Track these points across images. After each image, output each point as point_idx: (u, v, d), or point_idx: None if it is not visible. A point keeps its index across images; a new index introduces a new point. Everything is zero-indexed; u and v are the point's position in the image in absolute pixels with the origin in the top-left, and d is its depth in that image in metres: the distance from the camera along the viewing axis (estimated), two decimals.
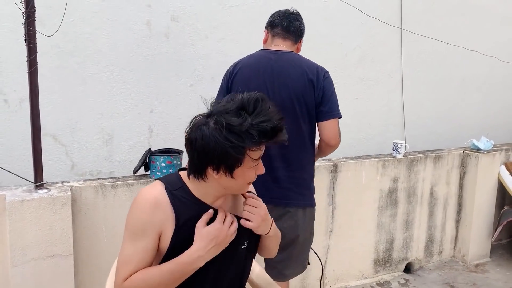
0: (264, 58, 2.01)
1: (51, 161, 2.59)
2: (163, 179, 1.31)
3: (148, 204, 1.23)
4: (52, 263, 2.02)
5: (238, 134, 1.15)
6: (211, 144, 1.16)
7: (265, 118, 1.17)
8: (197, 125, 1.20)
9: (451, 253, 3.55)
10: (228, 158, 1.17)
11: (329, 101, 1.97)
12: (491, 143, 3.45)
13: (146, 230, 1.23)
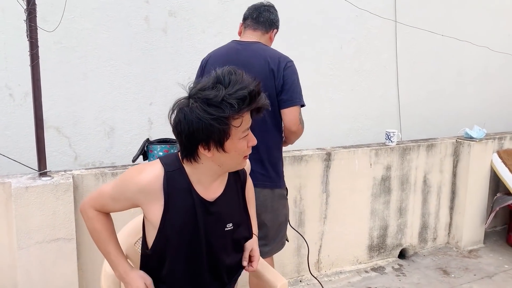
0: (232, 49, 2.15)
1: (55, 152, 2.71)
2: (163, 160, 1.36)
3: (138, 183, 1.32)
4: (56, 246, 2.14)
5: (217, 106, 1.20)
6: (194, 122, 1.21)
7: (240, 86, 1.23)
8: (178, 107, 1.26)
9: (445, 239, 3.63)
10: (213, 132, 1.22)
11: (289, 90, 2.04)
12: (484, 132, 3.52)
13: (124, 194, 1.37)
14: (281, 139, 2.20)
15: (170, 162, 1.36)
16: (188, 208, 1.35)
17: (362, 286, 2.95)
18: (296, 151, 3.00)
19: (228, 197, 1.43)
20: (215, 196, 1.40)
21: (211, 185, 1.38)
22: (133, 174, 1.35)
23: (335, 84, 3.56)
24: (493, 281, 3.07)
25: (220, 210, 1.40)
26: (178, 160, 1.36)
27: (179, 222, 1.35)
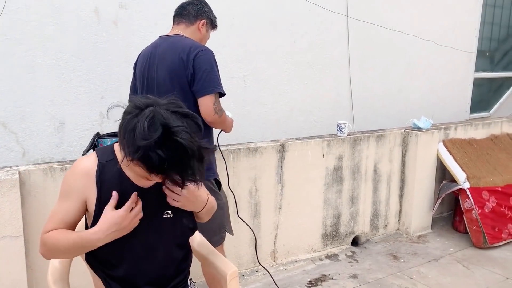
0: (154, 44, 2.21)
1: (1, 149, 2.62)
2: (99, 151, 1.41)
3: (77, 172, 1.37)
4: (2, 244, 2.08)
5: (130, 141, 1.17)
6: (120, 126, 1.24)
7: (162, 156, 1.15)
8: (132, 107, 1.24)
9: (396, 226, 3.79)
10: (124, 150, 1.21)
11: (200, 79, 2.03)
12: (430, 122, 3.68)
13: (70, 193, 1.36)
14: (209, 130, 2.20)
15: (104, 153, 1.41)
16: (121, 195, 1.35)
17: (316, 274, 3.04)
18: (251, 143, 3.04)
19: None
20: (149, 184, 1.39)
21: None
22: (72, 169, 1.39)
23: (289, 77, 3.62)
24: (439, 263, 3.24)
25: (155, 197, 1.40)
26: (112, 150, 1.41)
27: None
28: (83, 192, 1.36)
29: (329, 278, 2.99)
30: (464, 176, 3.57)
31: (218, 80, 2.09)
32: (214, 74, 2.07)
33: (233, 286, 1.60)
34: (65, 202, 1.36)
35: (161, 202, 1.42)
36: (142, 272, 1.44)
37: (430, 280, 2.99)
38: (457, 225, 3.82)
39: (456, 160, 3.66)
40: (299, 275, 3.01)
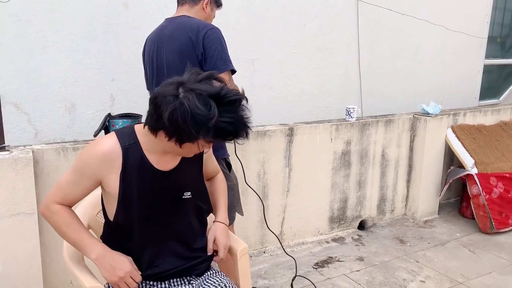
0: (160, 27, 2.21)
1: (14, 129, 2.66)
2: (118, 133, 1.41)
3: (97, 153, 1.36)
4: (17, 221, 2.13)
5: (198, 125, 1.17)
6: (170, 118, 1.20)
7: (230, 120, 1.19)
8: (167, 93, 1.22)
9: (403, 211, 3.81)
10: (180, 136, 1.24)
11: (212, 58, 2.02)
12: (439, 108, 3.67)
13: (85, 171, 1.37)
14: None
15: (125, 135, 1.40)
16: (144, 179, 1.40)
17: (323, 256, 3.08)
18: (260, 126, 3.06)
19: (184, 169, 1.47)
20: (170, 167, 1.44)
21: (163, 156, 1.43)
22: (90, 149, 1.38)
23: (299, 61, 3.62)
24: (446, 248, 3.26)
25: (176, 180, 1.45)
26: (133, 133, 1.40)
27: (136, 193, 1.40)
28: (99, 174, 1.37)
29: (336, 260, 3.03)
30: (472, 162, 3.57)
31: (229, 58, 2.09)
32: (225, 52, 2.08)
33: (243, 262, 1.64)
34: (77, 176, 1.39)
35: (181, 184, 1.47)
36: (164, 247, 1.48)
37: (436, 263, 3.01)
38: (464, 210, 3.83)
39: (465, 146, 3.65)
40: (306, 257, 3.05)
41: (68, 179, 1.40)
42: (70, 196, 1.41)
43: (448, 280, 2.81)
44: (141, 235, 1.44)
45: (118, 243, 1.46)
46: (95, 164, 1.36)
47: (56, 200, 1.41)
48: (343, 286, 2.69)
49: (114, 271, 1.33)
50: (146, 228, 1.44)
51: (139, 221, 1.42)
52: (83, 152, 1.40)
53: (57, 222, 1.41)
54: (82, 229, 1.41)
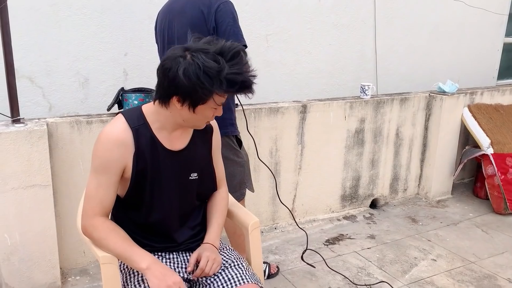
0: (171, 1, 2.18)
1: (28, 103, 2.68)
2: (126, 115, 1.39)
3: (111, 143, 1.34)
4: (32, 193, 2.17)
5: (210, 78, 1.22)
6: (184, 78, 1.22)
7: (238, 71, 1.24)
8: (174, 55, 1.26)
9: (415, 190, 3.78)
10: (193, 95, 1.25)
11: (225, 33, 1.99)
12: (456, 86, 3.60)
13: (108, 166, 1.34)
14: None
15: (133, 117, 1.38)
16: (155, 159, 1.40)
17: (334, 233, 3.08)
18: (273, 103, 3.04)
19: (193, 149, 1.47)
20: (180, 147, 1.44)
21: (173, 134, 1.42)
22: (104, 141, 1.34)
23: (313, 37, 3.56)
24: (458, 228, 3.24)
25: (184, 160, 1.45)
26: (141, 114, 1.39)
27: (148, 173, 1.40)
28: (121, 162, 1.35)
29: (347, 237, 3.03)
30: (488, 142, 3.51)
31: (241, 32, 2.06)
32: (237, 26, 2.04)
33: (254, 236, 1.64)
34: (103, 176, 1.35)
35: (189, 165, 1.47)
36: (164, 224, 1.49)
37: (448, 243, 3.00)
38: (477, 191, 3.79)
39: (481, 126, 3.59)
40: (317, 234, 3.06)
41: (95, 184, 1.36)
42: (106, 199, 1.37)
43: (459, 259, 2.80)
44: (147, 209, 1.45)
45: (126, 215, 1.48)
46: (113, 154, 1.34)
47: (95, 212, 1.36)
48: (354, 263, 2.70)
49: (164, 278, 1.30)
50: (152, 205, 1.45)
51: (147, 198, 1.44)
52: (98, 149, 1.35)
53: (103, 236, 1.36)
54: (129, 240, 1.38)
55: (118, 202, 1.47)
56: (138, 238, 1.44)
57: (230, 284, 1.43)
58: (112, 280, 1.38)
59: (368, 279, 2.54)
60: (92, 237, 1.39)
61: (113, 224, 1.40)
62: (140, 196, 1.43)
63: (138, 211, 1.46)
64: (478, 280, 2.57)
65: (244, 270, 1.49)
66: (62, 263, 2.42)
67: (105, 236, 1.36)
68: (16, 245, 2.19)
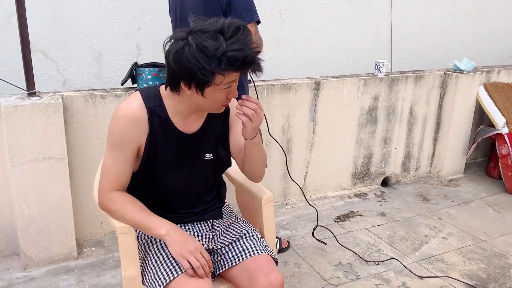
0: None
1: (43, 77, 2.70)
2: (143, 93, 1.39)
3: (126, 120, 1.34)
4: (48, 165, 2.20)
5: (207, 57, 1.18)
6: (182, 59, 1.20)
7: (238, 47, 1.19)
8: (175, 38, 1.25)
9: (427, 169, 3.77)
10: (195, 76, 1.22)
11: (238, 8, 1.97)
12: (472, 64, 3.53)
13: (124, 143, 1.35)
14: None
15: (150, 97, 1.38)
16: (168, 141, 1.39)
17: (345, 210, 3.10)
18: (286, 79, 3.02)
19: (207, 131, 1.47)
20: (194, 130, 1.44)
21: (189, 118, 1.42)
22: (119, 117, 1.34)
23: (327, 13, 3.50)
24: (470, 207, 3.23)
25: (198, 142, 1.44)
26: (158, 95, 1.39)
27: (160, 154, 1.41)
28: (136, 139, 1.36)
29: (357, 214, 3.05)
30: (504, 121, 3.46)
31: (255, 8, 2.03)
32: (250, 1, 2.02)
33: (267, 210, 1.66)
34: (119, 152, 1.35)
35: (203, 146, 1.47)
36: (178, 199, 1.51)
37: (459, 221, 3.00)
38: (490, 170, 3.76)
39: (496, 105, 3.54)
40: (328, 210, 3.08)
41: (111, 160, 1.36)
42: (122, 175, 1.38)
43: (470, 237, 2.80)
44: (161, 186, 1.47)
45: (139, 190, 1.49)
46: (129, 131, 1.34)
47: (112, 187, 1.38)
48: (364, 239, 2.72)
49: (185, 244, 1.32)
50: (165, 182, 1.46)
51: (159, 178, 1.45)
52: (114, 126, 1.35)
53: (121, 208, 1.37)
54: (146, 209, 1.39)
55: (132, 178, 1.49)
56: (152, 210, 1.46)
57: (245, 254, 1.46)
58: (129, 250, 1.41)
59: (378, 255, 2.56)
60: (110, 210, 1.40)
61: (129, 196, 1.41)
62: (152, 175, 1.44)
63: (150, 189, 1.48)
64: (489, 259, 2.58)
65: (259, 241, 1.51)
66: (78, 234, 2.47)
67: (122, 208, 1.37)
68: (33, 216, 2.24)
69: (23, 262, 2.29)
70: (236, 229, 1.57)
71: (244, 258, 1.45)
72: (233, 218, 1.64)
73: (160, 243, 1.45)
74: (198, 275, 1.32)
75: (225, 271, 1.48)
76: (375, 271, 2.42)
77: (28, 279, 2.24)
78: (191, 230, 1.52)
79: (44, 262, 2.32)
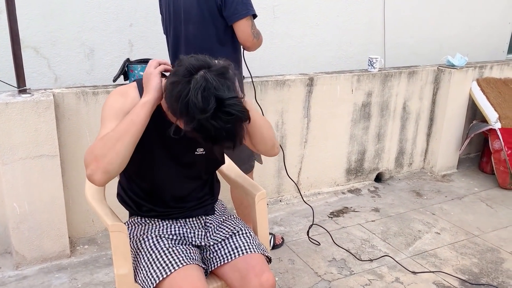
0: None
1: (34, 73, 2.67)
2: (139, 83, 1.40)
3: (121, 97, 1.36)
4: (40, 163, 2.18)
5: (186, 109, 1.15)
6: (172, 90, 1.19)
7: (218, 126, 1.15)
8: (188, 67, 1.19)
9: (421, 165, 3.78)
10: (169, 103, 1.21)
11: (232, 3, 1.96)
12: (465, 60, 3.54)
13: (118, 115, 1.33)
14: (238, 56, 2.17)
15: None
16: (159, 133, 1.38)
17: (338, 206, 3.11)
18: (279, 75, 3.01)
19: None
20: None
21: None
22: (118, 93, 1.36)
23: (320, 9, 3.49)
24: (463, 202, 3.25)
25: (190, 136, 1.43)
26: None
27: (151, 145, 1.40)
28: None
29: (351, 210, 3.05)
30: (496, 116, 3.48)
31: (250, 1, 2.03)
32: None
33: (261, 207, 1.66)
34: (112, 123, 1.31)
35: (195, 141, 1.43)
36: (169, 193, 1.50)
37: (453, 216, 3.02)
38: (483, 166, 3.78)
39: (489, 100, 3.55)
40: (322, 206, 3.08)
41: (104, 132, 1.30)
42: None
43: (463, 232, 2.82)
44: (152, 177, 1.47)
45: (132, 180, 1.50)
46: (123, 106, 1.34)
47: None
48: (358, 235, 2.73)
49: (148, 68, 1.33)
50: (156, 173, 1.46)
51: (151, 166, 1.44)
52: (107, 102, 1.35)
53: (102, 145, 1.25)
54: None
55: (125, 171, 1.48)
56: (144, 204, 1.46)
57: (237, 252, 1.46)
58: (122, 248, 1.40)
59: (371, 251, 2.57)
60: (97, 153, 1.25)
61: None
62: (144, 164, 1.43)
63: (142, 179, 1.48)
64: (481, 253, 2.60)
65: (251, 239, 1.51)
66: (71, 232, 2.46)
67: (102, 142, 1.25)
68: (25, 214, 2.22)
69: (15, 261, 2.28)
70: (229, 226, 1.56)
71: (236, 256, 1.45)
72: (226, 215, 1.63)
73: (152, 241, 1.44)
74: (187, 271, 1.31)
75: (217, 268, 1.48)
76: (368, 266, 2.43)
77: (20, 277, 2.22)
78: (183, 227, 1.52)
79: (36, 260, 2.31)
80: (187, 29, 2.07)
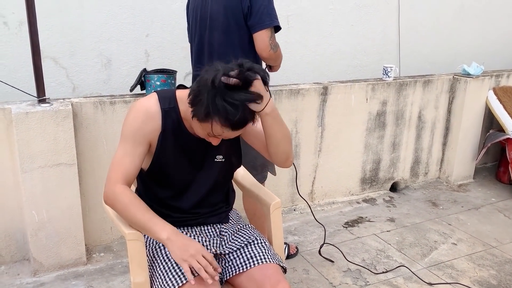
0: None
1: (53, 83, 2.73)
2: (160, 94, 1.42)
3: (141, 114, 1.38)
4: (58, 171, 2.22)
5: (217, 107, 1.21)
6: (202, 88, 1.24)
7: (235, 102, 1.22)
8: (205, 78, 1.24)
9: (437, 174, 3.74)
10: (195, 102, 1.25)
11: (257, 13, 1.99)
12: (481, 69, 3.51)
13: (136, 136, 1.37)
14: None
15: (166, 98, 1.41)
16: (179, 143, 1.42)
17: (353, 216, 3.09)
18: (293, 85, 3.02)
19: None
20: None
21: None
22: (137, 111, 1.38)
23: (335, 18, 3.50)
24: (479, 212, 3.20)
25: (209, 146, 1.44)
26: (174, 98, 1.41)
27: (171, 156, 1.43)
28: (149, 135, 1.38)
29: (366, 220, 3.03)
30: None
31: (275, 13, 2.05)
32: (271, 6, 2.03)
33: (276, 216, 1.66)
34: (130, 145, 1.36)
35: (215, 149, 1.47)
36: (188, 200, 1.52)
37: (469, 227, 2.98)
38: (501, 175, 3.73)
39: (506, 109, 3.50)
40: (336, 216, 3.07)
41: (122, 152, 1.37)
42: (131, 168, 1.37)
43: (480, 243, 2.78)
44: (170, 186, 1.49)
45: (149, 189, 1.51)
46: (144, 125, 1.37)
47: (118, 180, 1.36)
48: (373, 245, 2.71)
49: (186, 247, 1.30)
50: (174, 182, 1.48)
51: (168, 177, 1.47)
52: (129, 117, 1.38)
53: (124, 203, 1.35)
54: (150, 210, 1.37)
55: (143, 177, 1.50)
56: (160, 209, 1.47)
57: (253, 261, 1.46)
58: (138, 257, 1.41)
59: (387, 261, 2.55)
60: (114, 205, 1.38)
61: (133, 194, 1.39)
62: (162, 173, 1.46)
63: (160, 187, 1.50)
64: (499, 265, 2.55)
65: (267, 249, 1.51)
66: (87, 240, 2.49)
67: (126, 208, 1.35)
68: (43, 222, 2.26)
69: (33, 268, 2.31)
70: (244, 235, 1.56)
71: (252, 266, 1.45)
72: (241, 224, 1.64)
73: (167, 252, 1.46)
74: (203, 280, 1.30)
75: (232, 277, 1.48)
76: (384, 277, 2.40)
77: (38, 284, 2.25)
78: (199, 235, 1.53)
79: (53, 268, 2.34)
80: (212, 36, 2.10)
